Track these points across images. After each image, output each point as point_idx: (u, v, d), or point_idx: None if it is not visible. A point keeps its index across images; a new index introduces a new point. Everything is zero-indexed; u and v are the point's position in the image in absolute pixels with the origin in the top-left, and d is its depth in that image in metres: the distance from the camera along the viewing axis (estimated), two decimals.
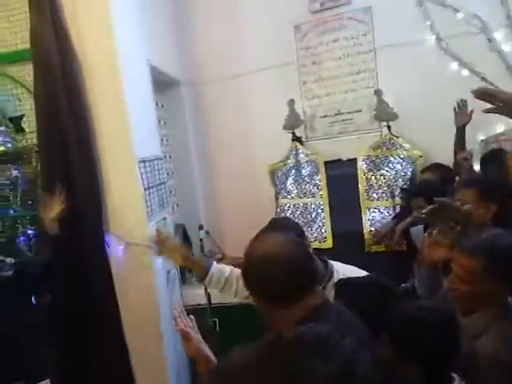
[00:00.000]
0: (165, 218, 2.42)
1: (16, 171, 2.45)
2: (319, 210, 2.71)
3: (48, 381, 1.83)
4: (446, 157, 2.56)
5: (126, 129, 2.05)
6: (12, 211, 2.42)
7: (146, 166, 2.19)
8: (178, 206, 3.02)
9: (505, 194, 1.64)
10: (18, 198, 2.43)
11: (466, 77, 2.67)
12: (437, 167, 2.49)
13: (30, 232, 2.46)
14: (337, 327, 0.91)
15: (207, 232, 3.03)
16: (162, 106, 3.01)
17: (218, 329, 2.20)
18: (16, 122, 2.54)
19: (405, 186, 2.52)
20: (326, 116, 3.00)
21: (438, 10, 2.68)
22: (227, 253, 3.09)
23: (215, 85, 3.09)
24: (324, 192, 2.75)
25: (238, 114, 3.09)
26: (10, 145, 2.50)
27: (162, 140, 2.73)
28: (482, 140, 2.64)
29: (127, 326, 2.02)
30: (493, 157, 2.39)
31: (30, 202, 2.49)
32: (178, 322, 1.23)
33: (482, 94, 1.20)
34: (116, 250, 2.07)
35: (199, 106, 3.14)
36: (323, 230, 2.64)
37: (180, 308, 1.28)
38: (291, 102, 2.91)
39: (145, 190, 2.15)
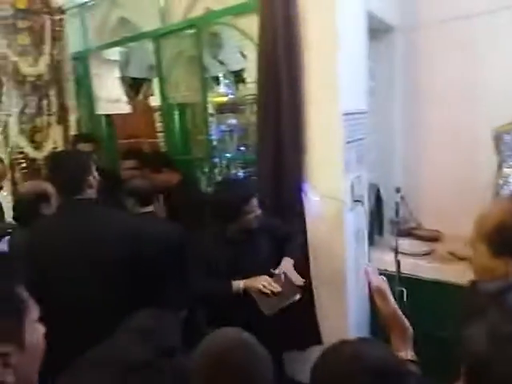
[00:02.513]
0: (359, 176, 2.34)
1: (234, 120, 2.81)
2: None
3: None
4: None
5: (335, 80, 1.99)
6: (228, 155, 2.80)
7: (349, 119, 2.12)
8: (374, 164, 2.87)
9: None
10: (234, 143, 2.80)
11: None
12: None
13: (240, 174, 2.81)
14: None
15: (402, 197, 2.80)
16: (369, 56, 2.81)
17: (405, 299, 2.06)
18: (237, 75, 2.86)
19: None
20: None
21: None
22: (422, 223, 2.81)
23: (435, 29, 2.63)
24: None
25: (460, 63, 2.61)
26: (231, 96, 2.85)
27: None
28: None
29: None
30: None
31: (242, 148, 2.83)
32: (373, 278, 1.15)
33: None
34: (311, 201, 2.13)
35: (411, 55, 2.77)
36: None
37: (372, 267, 1.21)
38: None
39: (345, 144, 2.10)
